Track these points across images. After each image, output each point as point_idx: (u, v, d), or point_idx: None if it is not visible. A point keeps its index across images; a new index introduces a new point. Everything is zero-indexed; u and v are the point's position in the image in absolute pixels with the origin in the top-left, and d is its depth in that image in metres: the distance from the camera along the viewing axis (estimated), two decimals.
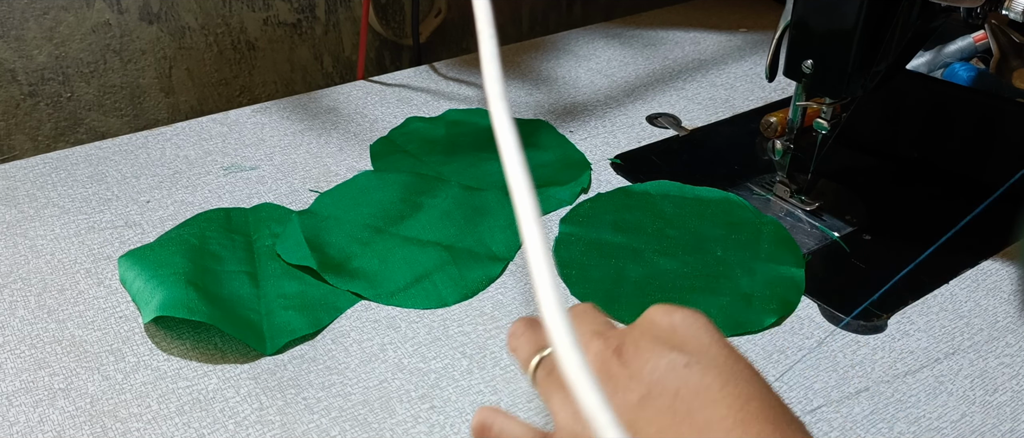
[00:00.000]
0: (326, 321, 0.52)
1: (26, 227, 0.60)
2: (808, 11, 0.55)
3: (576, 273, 0.56)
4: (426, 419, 0.46)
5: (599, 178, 0.68)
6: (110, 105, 0.80)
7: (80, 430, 0.45)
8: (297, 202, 0.64)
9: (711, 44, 0.93)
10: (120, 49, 0.78)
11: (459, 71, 0.86)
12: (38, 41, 0.74)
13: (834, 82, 0.56)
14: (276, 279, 0.55)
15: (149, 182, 0.66)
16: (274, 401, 0.47)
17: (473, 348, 0.51)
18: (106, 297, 0.54)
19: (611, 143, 0.73)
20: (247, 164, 0.68)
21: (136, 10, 0.77)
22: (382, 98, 0.80)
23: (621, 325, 0.39)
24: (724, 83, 0.85)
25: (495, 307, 0.54)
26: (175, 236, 0.58)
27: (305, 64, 0.89)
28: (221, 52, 0.83)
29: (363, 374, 0.49)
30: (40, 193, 0.64)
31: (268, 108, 0.77)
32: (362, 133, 0.73)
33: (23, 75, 0.75)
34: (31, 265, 0.56)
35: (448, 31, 0.97)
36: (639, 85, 0.84)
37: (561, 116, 0.77)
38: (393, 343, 0.51)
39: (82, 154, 0.69)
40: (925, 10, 0.55)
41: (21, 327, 0.51)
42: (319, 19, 0.88)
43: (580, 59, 0.88)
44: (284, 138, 0.72)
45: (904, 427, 0.46)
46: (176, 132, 0.73)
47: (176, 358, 0.49)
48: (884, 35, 0.54)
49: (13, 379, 0.48)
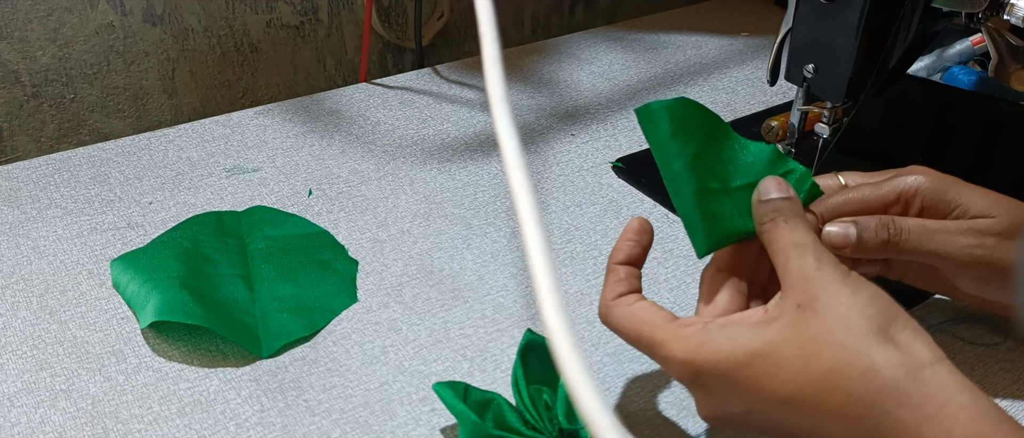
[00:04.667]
0: (322, 323, 0.53)
1: (29, 228, 0.60)
2: (809, 16, 0.55)
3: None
4: (427, 421, 0.46)
5: (598, 184, 0.68)
6: (113, 107, 0.80)
7: (81, 431, 0.45)
8: (298, 204, 0.64)
9: (713, 48, 0.93)
10: (123, 51, 0.78)
11: (461, 74, 0.86)
12: (42, 42, 0.74)
13: (835, 86, 0.56)
14: (270, 282, 0.55)
15: (152, 184, 0.66)
16: (275, 403, 0.47)
17: (474, 350, 0.51)
18: (108, 298, 0.54)
19: (612, 146, 0.73)
20: (249, 166, 0.69)
21: (139, 12, 0.77)
22: (384, 101, 0.80)
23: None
24: (726, 87, 0.85)
25: (496, 310, 0.54)
26: (168, 240, 0.58)
27: (308, 66, 0.89)
28: (224, 54, 0.84)
29: (364, 376, 0.49)
30: (43, 194, 0.64)
31: (271, 110, 0.77)
32: (364, 135, 0.74)
33: (27, 76, 0.75)
34: (33, 266, 0.57)
35: (450, 34, 0.97)
36: (641, 88, 0.84)
37: (563, 119, 0.77)
38: (394, 345, 0.51)
39: (85, 155, 0.69)
40: (927, 14, 0.55)
41: (23, 328, 0.51)
42: (322, 21, 0.88)
43: (582, 62, 0.89)
44: (286, 140, 0.72)
45: None
46: (179, 134, 0.73)
47: (177, 360, 0.49)
48: (885, 40, 0.54)
49: (15, 380, 0.48)
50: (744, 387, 0.36)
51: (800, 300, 0.36)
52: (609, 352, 0.52)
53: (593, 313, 0.54)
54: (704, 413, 0.39)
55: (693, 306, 0.55)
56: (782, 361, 0.35)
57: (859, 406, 0.33)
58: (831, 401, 0.34)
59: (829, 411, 0.34)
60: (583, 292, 0.56)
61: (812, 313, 0.35)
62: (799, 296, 0.36)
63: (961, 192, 0.44)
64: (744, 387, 0.36)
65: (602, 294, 0.41)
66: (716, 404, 0.38)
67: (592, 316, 0.54)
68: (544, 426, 0.43)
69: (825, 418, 0.34)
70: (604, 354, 0.51)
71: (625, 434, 0.23)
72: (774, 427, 0.37)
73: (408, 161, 0.70)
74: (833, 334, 0.34)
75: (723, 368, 0.36)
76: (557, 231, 0.63)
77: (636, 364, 0.51)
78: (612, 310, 0.40)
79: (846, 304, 0.35)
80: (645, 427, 0.47)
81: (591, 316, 0.54)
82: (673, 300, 0.56)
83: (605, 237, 0.62)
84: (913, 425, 0.33)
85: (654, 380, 0.50)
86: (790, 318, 0.36)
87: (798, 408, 0.35)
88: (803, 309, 0.35)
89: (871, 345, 0.34)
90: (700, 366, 0.36)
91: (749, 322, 0.37)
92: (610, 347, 0.52)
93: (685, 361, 0.37)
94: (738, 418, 0.37)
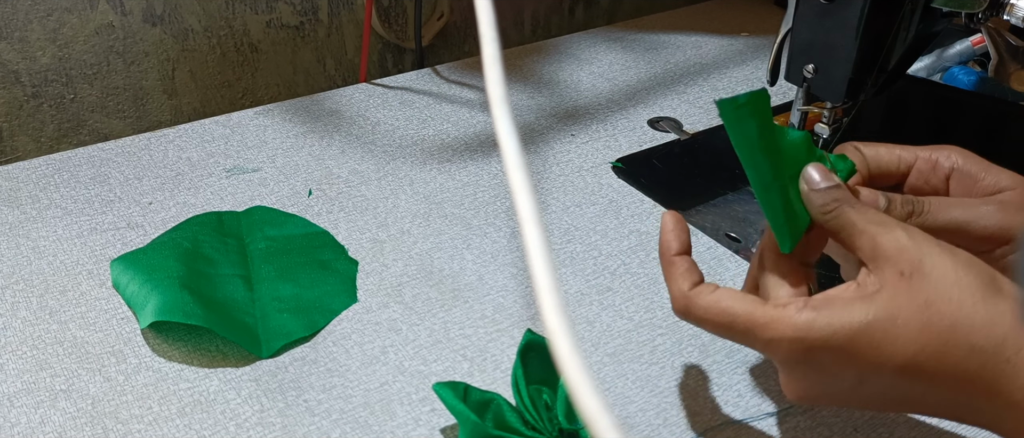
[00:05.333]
0: (321, 324, 0.53)
1: (29, 228, 0.60)
2: (809, 16, 0.56)
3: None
4: (427, 422, 0.46)
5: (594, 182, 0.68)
6: (113, 107, 0.80)
7: (81, 431, 0.45)
8: (298, 205, 0.64)
9: (713, 48, 0.93)
10: (123, 51, 0.78)
11: (461, 74, 0.86)
12: (42, 43, 0.74)
13: (835, 87, 0.56)
14: (270, 282, 0.55)
15: (152, 184, 0.66)
16: (275, 403, 0.47)
17: (474, 351, 0.51)
18: (108, 298, 0.54)
19: (612, 147, 0.73)
20: (249, 166, 0.69)
21: (139, 12, 0.77)
22: (384, 101, 0.80)
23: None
24: (726, 87, 0.85)
25: (496, 310, 0.54)
26: (167, 240, 0.58)
27: (308, 67, 0.89)
28: (224, 54, 0.84)
29: (364, 376, 0.49)
30: (43, 194, 0.64)
31: (271, 110, 0.77)
32: (364, 135, 0.74)
33: (26, 76, 0.75)
34: (33, 266, 0.57)
35: (450, 34, 0.97)
36: (641, 89, 0.84)
37: (562, 119, 0.77)
38: (394, 346, 0.51)
39: (85, 156, 0.69)
40: (927, 15, 0.55)
41: (23, 328, 0.51)
42: (322, 21, 0.88)
43: (582, 62, 0.89)
44: (286, 140, 0.72)
45: (904, 432, 0.46)
46: (179, 134, 0.73)
47: (177, 360, 0.49)
48: (885, 40, 0.54)
49: (15, 380, 0.48)
50: (861, 356, 0.36)
51: (902, 268, 0.36)
52: (609, 352, 0.52)
53: (593, 313, 0.55)
54: (800, 392, 0.39)
55: None
56: (900, 325, 0.35)
57: (982, 355, 0.34)
58: (953, 356, 0.34)
59: (950, 368, 0.35)
60: (583, 292, 0.56)
61: (921, 277, 0.36)
62: (900, 265, 0.36)
63: (990, 171, 0.45)
64: (861, 356, 0.36)
65: (673, 289, 0.40)
66: (822, 380, 0.37)
67: (592, 316, 0.54)
68: (544, 426, 0.43)
69: (942, 379, 0.35)
70: (604, 354, 0.51)
71: (625, 434, 0.23)
72: (880, 397, 0.37)
73: (408, 161, 0.70)
74: (949, 292, 0.35)
75: (839, 340, 0.36)
76: (557, 231, 0.63)
77: (636, 364, 0.51)
78: (694, 300, 0.39)
79: (951, 265, 0.36)
80: (645, 427, 0.47)
81: (591, 316, 0.54)
82: None
83: (605, 237, 0.62)
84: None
85: (654, 380, 0.50)
86: (896, 287, 0.36)
87: (917, 371, 0.35)
88: (909, 276, 0.36)
89: (986, 298, 0.35)
90: (813, 341, 0.36)
91: (847, 297, 0.37)
92: (610, 347, 0.52)
93: (797, 338, 0.36)
94: (842, 394, 0.37)
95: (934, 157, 0.45)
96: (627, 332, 0.53)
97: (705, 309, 0.39)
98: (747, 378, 0.50)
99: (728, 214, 0.65)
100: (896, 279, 0.36)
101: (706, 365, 0.51)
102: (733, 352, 0.52)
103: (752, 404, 0.48)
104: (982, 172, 0.44)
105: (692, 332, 0.53)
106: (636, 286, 0.57)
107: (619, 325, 0.54)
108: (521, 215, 0.28)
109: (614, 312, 0.55)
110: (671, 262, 0.41)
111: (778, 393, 0.49)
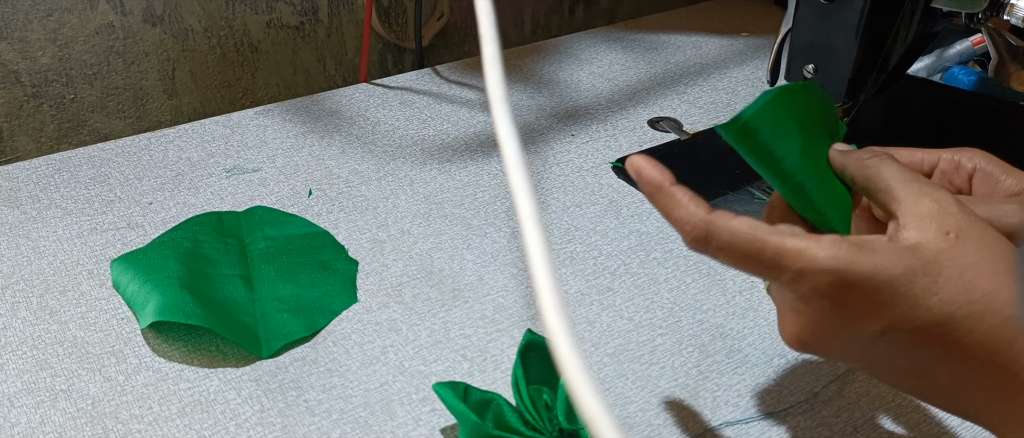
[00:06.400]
0: (321, 324, 0.53)
1: (29, 228, 0.60)
2: (809, 16, 0.56)
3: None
4: (427, 422, 0.46)
5: (593, 183, 0.68)
6: (113, 107, 0.80)
7: (81, 431, 0.45)
8: (298, 205, 0.64)
9: (713, 48, 0.93)
10: (123, 51, 0.78)
11: (461, 74, 0.86)
12: (42, 43, 0.74)
13: (835, 86, 0.56)
14: (270, 282, 0.55)
15: (152, 184, 0.66)
16: (275, 403, 0.47)
17: (474, 351, 0.51)
18: (108, 298, 0.54)
19: (612, 147, 0.73)
20: (249, 166, 0.69)
21: (139, 12, 0.77)
22: (384, 101, 0.80)
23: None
24: (726, 87, 0.85)
25: (496, 310, 0.54)
26: (167, 240, 0.58)
27: (308, 67, 0.89)
28: (224, 54, 0.84)
29: (364, 377, 0.49)
30: (43, 194, 0.64)
31: (271, 110, 0.77)
32: (364, 136, 0.74)
33: (27, 76, 0.75)
34: (33, 266, 0.57)
35: (450, 34, 0.97)
36: (641, 89, 0.84)
37: (562, 119, 0.77)
38: (394, 346, 0.51)
39: (85, 156, 0.69)
40: (927, 15, 0.55)
41: (23, 328, 0.51)
42: (322, 22, 0.88)
43: (582, 63, 0.89)
44: (286, 140, 0.72)
45: (904, 432, 0.46)
46: (179, 134, 0.73)
47: (177, 360, 0.49)
48: (885, 40, 0.54)
49: (15, 380, 0.48)
50: (897, 302, 0.34)
51: (948, 228, 0.35)
52: (609, 352, 0.52)
53: (593, 313, 0.55)
54: (805, 335, 0.36)
55: (694, 306, 0.55)
56: (942, 280, 0.34)
57: (1014, 328, 0.34)
58: (988, 322, 0.34)
59: (980, 336, 0.34)
60: (583, 292, 0.56)
61: (966, 239, 0.35)
62: (946, 225, 0.35)
63: (1011, 172, 0.45)
64: (897, 302, 0.34)
65: (684, 217, 0.36)
66: (838, 326, 0.35)
67: (592, 316, 0.54)
68: (544, 426, 0.43)
69: (966, 348, 0.34)
70: (604, 354, 0.51)
71: (625, 434, 0.23)
72: (889, 359, 0.36)
73: (408, 161, 0.70)
74: (991, 260, 0.35)
75: (880, 281, 0.34)
76: (557, 231, 0.63)
77: (636, 364, 0.51)
78: (717, 223, 0.36)
79: (992, 236, 0.36)
80: (645, 427, 0.47)
81: (591, 316, 0.54)
82: (673, 300, 0.56)
83: (605, 237, 0.62)
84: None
85: (654, 380, 0.50)
86: (940, 244, 0.35)
87: (948, 332, 0.34)
88: (955, 236, 0.35)
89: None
90: (851, 277, 0.34)
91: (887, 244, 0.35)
92: (610, 347, 0.52)
93: (834, 270, 0.34)
94: (853, 347, 0.36)
95: (957, 158, 0.45)
96: (627, 332, 0.53)
97: (731, 233, 0.35)
98: (747, 378, 0.50)
99: None
100: (941, 237, 0.35)
101: (706, 365, 0.51)
102: (733, 352, 0.52)
103: (752, 404, 0.48)
104: (1003, 174, 0.45)
105: (692, 332, 0.53)
106: (636, 286, 0.57)
107: (619, 325, 0.54)
108: (521, 215, 0.28)
109: (614, 312, 0.55)
110: (671, 193, 0.37)
111: (778, 393, 0.49)
